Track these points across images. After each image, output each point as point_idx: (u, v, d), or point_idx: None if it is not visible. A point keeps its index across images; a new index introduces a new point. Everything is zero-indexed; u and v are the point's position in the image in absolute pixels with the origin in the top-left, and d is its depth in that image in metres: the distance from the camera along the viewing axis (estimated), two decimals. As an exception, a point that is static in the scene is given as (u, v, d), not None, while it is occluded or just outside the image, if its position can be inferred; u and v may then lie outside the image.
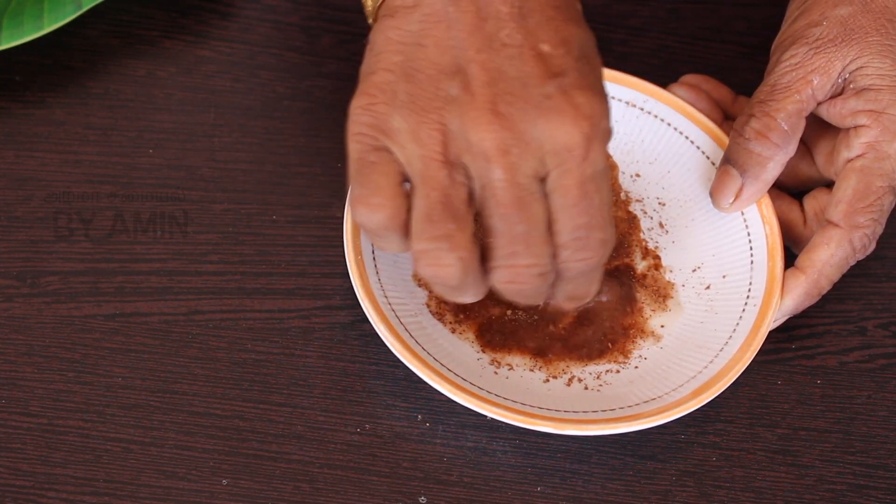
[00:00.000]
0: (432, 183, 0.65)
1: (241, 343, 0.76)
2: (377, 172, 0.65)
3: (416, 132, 0.65)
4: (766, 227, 0.77)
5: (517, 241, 0.65)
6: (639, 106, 0.81)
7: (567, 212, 0.65)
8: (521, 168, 0.64)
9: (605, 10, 0.88)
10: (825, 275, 0.75)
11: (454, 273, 0.65)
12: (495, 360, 0.75)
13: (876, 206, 0.74)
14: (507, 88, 0.64)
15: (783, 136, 0.76)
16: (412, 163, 0.65)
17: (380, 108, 0.65)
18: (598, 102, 0.65)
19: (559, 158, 0.64)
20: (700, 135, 0.80)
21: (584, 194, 0.65)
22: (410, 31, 0.65)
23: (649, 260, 0.79)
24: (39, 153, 0.81)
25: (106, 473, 0.72)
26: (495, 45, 0.64)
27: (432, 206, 0.65)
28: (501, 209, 0.64)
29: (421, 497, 0.72)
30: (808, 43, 0.76)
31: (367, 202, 0.65)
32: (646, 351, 0.76)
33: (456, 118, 0.64)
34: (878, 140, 0.75)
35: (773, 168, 0.76)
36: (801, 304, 0.75)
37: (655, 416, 0.71)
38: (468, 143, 0.64)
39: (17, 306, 0.76)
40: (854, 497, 0.73)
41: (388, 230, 0.66)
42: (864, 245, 0.75)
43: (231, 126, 0.82)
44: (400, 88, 0.65)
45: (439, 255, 0.65)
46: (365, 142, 0.66)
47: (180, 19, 0.86)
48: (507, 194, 0.64)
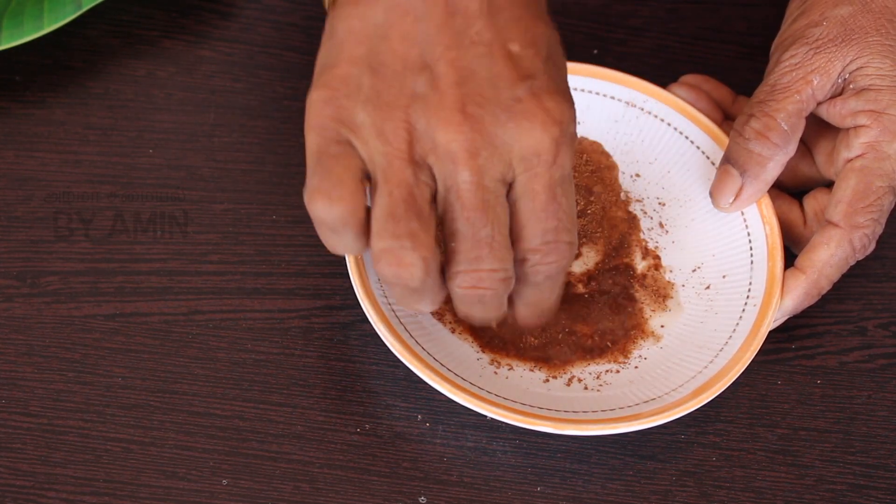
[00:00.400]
0: (396, 181, 0.63)
1: (241, 343, 0.76)
2: (339, 165, 0.64)
3: (381, 128, 0.63)
4: (766, 227, 0.77)
5: (481, 245, 0.64)
6: (639, 106, 0.81)
7: (536, 216, 0.65)
8: (489, 171, 0.63)
9: (605, 10, 0.88)
10: (825, 275, 0.75)
11: (416, 273, 0.64)
12: (495, 359, 0.75)
13: (876, 206, 0.74)
14: (476, 89, 0.63)
15: (783, 135, 0.76)
16: (375, 159, 0.64)
17: (342, 102, 0.64)
18: (566, 107, 0.64)
19: (528, 163, 0.64)
20: (700, 135, 0.80)
21: (552, 198, 0.64)
22: (375, 22, 0.64)
23: (649, 260, 0.79)
24: (39, 153, 0.81)
25: (106, 473, 0.72)
26: (464, 41, 0.63)
27: (396, 203, 0.63)
28: (466, 212, 0.64)
29: (421, 497, 0.72)
30: (808, 43, 0.76)
31: (327, 194, 0.63)
32: (646, 351, 0.76)
33: (423, 117, 0.63)
34: (878, 140, 0.75)
35: (772, 168, 0.76)
36: (801, 305, 0.75)
37: (655, 416, 0.71)
38: (434, 144, 0.63)
39: (17, 306, 0.76)
40: (854, 497, 0.73)
41: (345, 225, 0.64)
42: (863, 245, 0.75)
43: (231, 126, 0.82)
44: (364, 82, 0.64)
45: (402, 253, 0.63)
46: (326, 134, 0.64)
47: (180, 19, 0.86)
48: (474, 197, 0.63)
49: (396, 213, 0.63)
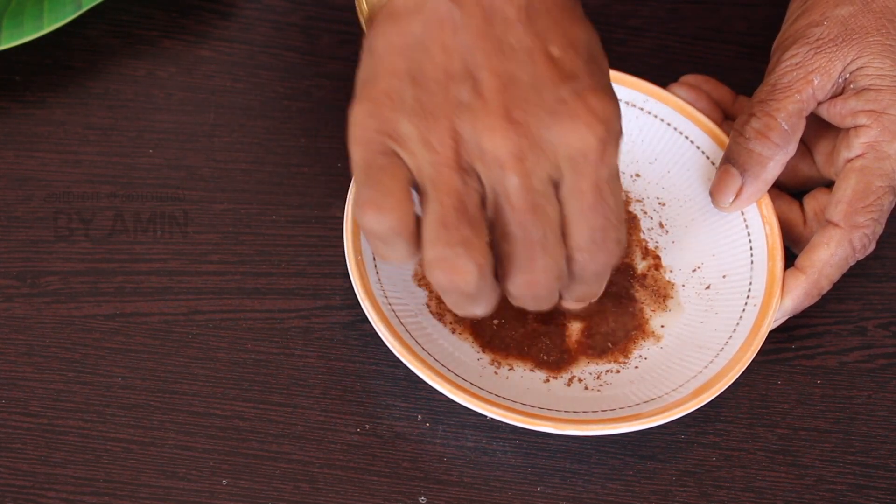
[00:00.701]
0: (446, 188, 0.63)
1: (241, 343, 0.76)
2: (386, 176, 0.64)
3: (427, 138, 0.63)
4: (767, 227, 0.77)
5: (534, 246, 0.64)
6: (639, 106, 0.81)
7: (584, 215, 0.65)
8: (537, 173, 0.64)
9: (605, 10, 0.88)
10: (825, 275, 0.75)
11: (471, 280, 0.64)
12: (495, 359, 0.75)
13: (876, 206, 0.74)
14: (519, 94, 0.63)
15: (783, 135, 0.76)
16: (423, 168, 0.64)
17: (386, 114, 0.64)
18: (610, 105, 0.64)
19: (575, 163, 0.64)
20: (700, 135, 0.80)
21: (600, 197, 0.64)
22: (414, 36, 0.64)
23: (649, 260, 0.79)
24: (39, 153, 0.81)
25: (106, 473, 0.72)
26: (505, 48, 0.64)
27: (447, 211, 0.63)
28: (518, 215, 0.64)
29: (421, 497, 0.72)
30: (808, 43, 0.76)
31: (378, 205, 0.63)
32: (646, 351, 0.76)
33: (468, 124, 0.63)
34: (878, 140, 0.75)
35: (773, 168, 0.76)
36: (801, 305, 0.75)
37: (655, 416, 0.71)
38: (481, 151, 0.63)
39: (17, 306, 0.76)
40: (854, 497, 0.73)
41: (397, 235, 0.64)
42: (863, 245, 0.75)
43: (231, 126, 0.82)
44: (407, 94, 0.64)
45: (456, 261, 0.63)
46: (372, 147, 0.64)
47: (180, 19, 0.86)
48: (524, 200, 0.64)
49: (448, 221, 0.63)
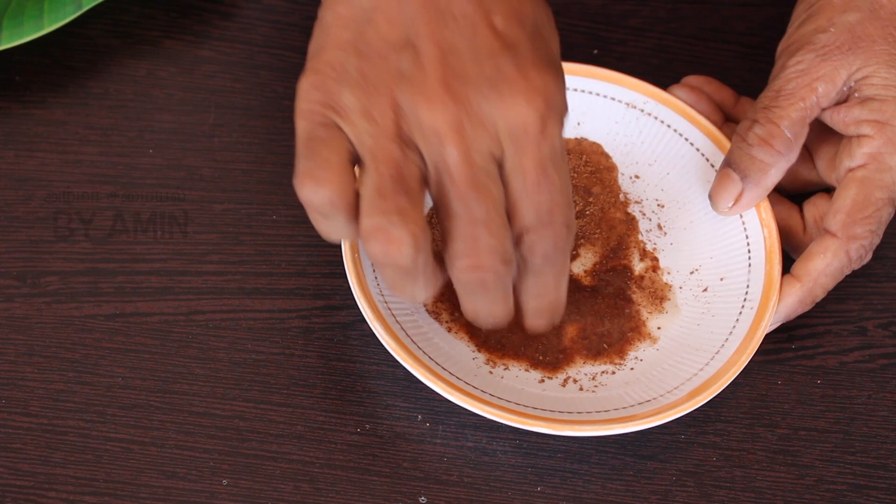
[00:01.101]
0: (384, 158, 0.63)
1: (241, 343, 0.76)
2: (326, 148, 0.63)
3: (368, 109, 0.63)
4: (765, 231, 0.77)
5: (477, 224, 0.63)
6: (639, 107, 0.81)
7: (527, 193, 0.64)
8: (476, 147, 0.63)
9: (605, 10, 0.88)
10: (820, 284, 0.75)
11: (406, 251, 0.63)
12: (491, 359, 0.75)
13: (874, 218, 0.74)
14: (459, 64, 0.63)
15: (786, 143, 0.75)
16: (363, 140, 0.63)
17: (330, 86, 0.64)
18: (552, 78, 0.63)
19: (515, 138, 0.63)
20: (700, 137, 0.80)
21: (543, 174, 0.64)
22: (361, 7, 0.64)
23: (647, 261, 0.79)
24: (39, 153, 0.81)
25: (106, 473, 0.72)
26: (447, 18, 0.63)
27: (383, 180, 0.63)
28: (457, 190, 0.63)
29: (421, 497, 0.72)
30: (814, 49, 0.76)
31: (314, 176, 0.63)
32: (642, 352, 0.76)
33: (407, 95, 0.63)
34: (881, 151, 0.74)
35: (774, 174, 0.76)
36: (794, 312, 0.75)
37: (650, 417, 0.71)
38: (420, 123, 0.63)
39: (17, 306, 0.76)
40: (854, 497, 0.73)
41: (334, 207, 0.63)
42: (860, 256, 0.75)
43: (231, 126, 0.82)
44: (350, 65, 0.63)
45: (391, 229, 0.62)
46: (314, 119, 0.64)
47: (180, 19, 0.86)
48: (463, 174, 0.63)
49: (384, 190, 0.63)
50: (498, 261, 0.64)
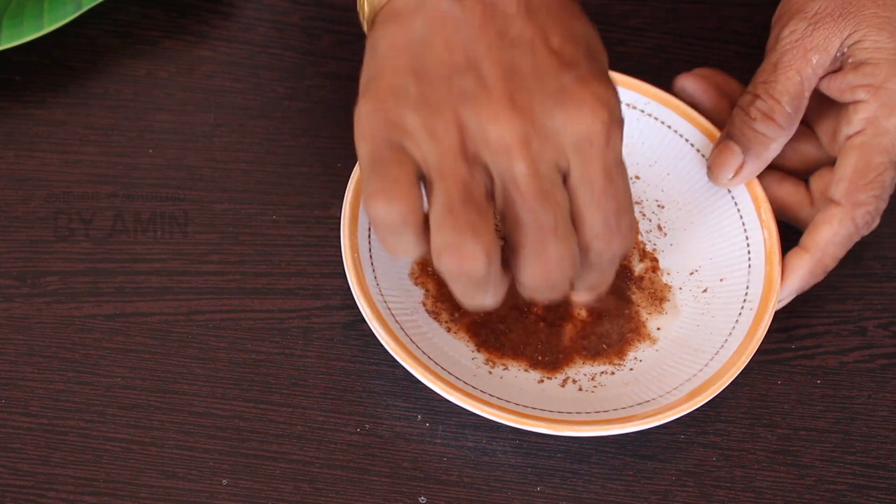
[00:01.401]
0: (452, 177, 0.64)
1: (241, 343, 0.76)
2: (393, 166, 0.64)
3: (433, 129, 0.64)
4: (765, 232, 0.77)
5: (546, 233, 0.64)
6: (639, 108, 0.81)
7: (596, 201, 0.65)
8: (544, 160, 0.64)
9: (605, 10, 0.88)
10: (829, 253, 0.75)
11: (479, 265, 0.64)
12: (490, 359, 0.75)
13: (877, 183, 0.74)
14: (522, 82, 0.64)
15: (787, 118, 0.76)
16: (429, 159, 0.64)
17: (391, 109, 0.64)
18: (612, 91, 0.65)
19: (581, 149, 0.64)
20: (700, 138, 0.80)
21: (610, 182, 0.65)
22: (416, 33, 0.65)
23: (647, 262, 0.79)
24: (39, 153, 0.81)
25: (106, 473, 0.72)
26: (506, 41, 0.64)
27: (453, 198, 0.63)
28: (527, 202, 0.64)
29: (421, 497, 0.72)
30: (806, 17, 0.76)
31: (387, 194, 0.64)
32: (641, 353, 0.76)
33: (473, 113, 0.64)
34: (877, 115, 0.75)
35: (775, 149, 0.77)
36: (807, 283, 0.76)
37: (649, 418, 0.71)
38: (486, 139, 0.64)
39: (17, 306, 0.76)
40: (854, 497, 0.73)
41: (405, 224, 0.64)
42: (866, 222, 0.75)
43: (231, 126, 0.82)
44: (411, 89, 0.64)
45: (464, 245, 0.63)
46: (378, 141, 0.64)
47: (180, 19, 0.86)
48: (532, 186, 0.64)
49: (454, 207, 0.63)
50: (566, 268, 0.65)
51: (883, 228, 0.81)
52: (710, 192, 0.80)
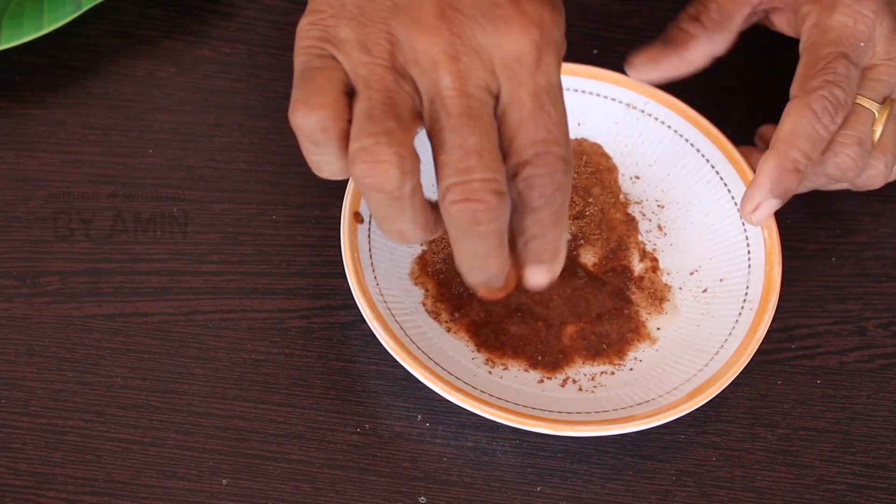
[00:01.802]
0: (376, 85, 0.63)
1: (241, 343, 0.76)
2: (320, 76, 0.63)
3: (363, 41, 0.63)
4: (765, 232, 0.77)
5: (470, 154, 0.62)
6: (639, 108, 0.81)
7: (523, 126, 0.63)
8: (471, 77, 0.63)
9: (605, 10, 0.88)
10: (794, 146, 0.74)
11: (392, 173, 0.62)
12: (490, 359, 0.75)
13: (828, 70, 0.75)
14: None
15: (711, 22, 0.79)
16: (357, 69, 0.63)
17: (327, 22, 0.64)
18: (548, 10, 0.63)
19: (510, 69, 0.63)
20: (700, 138, 0.80)
21: (539, 107, 0.63)
22: None
23: (647, 262, 0.79)
24: (39, 153, 0.81)
25: (106, 473, 0.72)
26: None
27: (374, 105, 0.63)
28: (452, 119, 0.63)
29: (421, 497, 0.72)
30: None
31: (307, 101, 0.63)
32: (641, 353, 0.76)
33: (403, 26, 0.63)
34: (820, 17, 0.77)
35: (694, 47, 0.79)
36: (777, 181, 0.74)
37: (649, 418, 0.71)
38: (415, 53, 0.63)
39: (17, 306, 0.76)
40: (854, 497, 0.74)
41: (325, 133, 0.63)
42: (824, 108, 0.74)
43: (231, 126, 0.82)
44: (348, 2, 0.64)
45: (377, 149, 0.62)
46: (311, 52, 0.64)
47: (180, 19, 0.86)
48: (458, 103, 0.63)
49: (374, 114, 0.62)
50: (490, 192, 0.63)
51: (883, 228, 0.81)
52: (710, 192, 0.80)
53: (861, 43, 0.75)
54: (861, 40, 0.75)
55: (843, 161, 0.75)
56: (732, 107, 0.85)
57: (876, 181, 0.77)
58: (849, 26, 0.76)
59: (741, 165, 0.79)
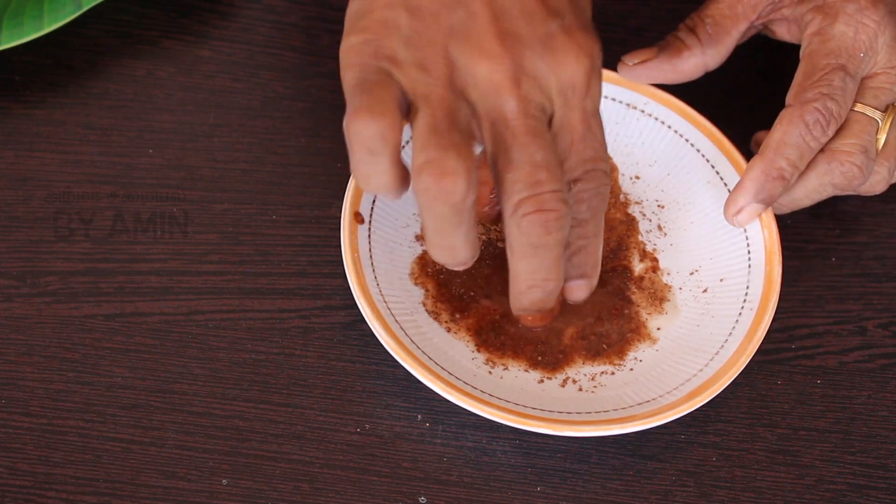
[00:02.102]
0: (437, 102, 0.64)
1: (241, 343, 0.75)
2: (379, 88, 0.64)
3: (422, 62, 0.65)
4: (765, 232, 0.77)
5: (539, 169, 0.65)
6: (639, 108, 0.82)
7: (575, 147, 0.67)
8: (532, 100, 0.65)
9: (605, 10, 0.88)
10: (781, 154, 0.75)
11: (459, 183, 0.64)
12: (490, 359, 0.75)
13: (824, 82, 0.75)
14: (511, 23, 0.65)
15: (707, 36, 0.79)
16: (416, 88, 0.65)
17: (382, 42, 0.65)
18: (595, 41, 0.67)
19: (564, 96, 0.66)
20: (700, 138, 0.80)
21: (588, 129, 0.67)
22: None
23: (647, 262, 0.79)
24: (39, 153, 0.81)
25: (106, 473, 0.72)
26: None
27: (438, 119, 0.64)
28: (519, 139, 0.65)
29: (421, 497, 0.72)
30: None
31: (370, 110, 0.64)
32: (641, 353, 0.76)
33: (462, 50, 0.65)
34: (822, 26, 0.77)
35: (686, 57, 0.79)
36: (762, 186, 0.75)
37: (649, 418, 0.71)
38: (475, 77, 0.65)
39: (17, 306, 0.76)
40: (854, 497, 0.73)
41: (383, 141, 0.64)
42: (816, 120, 0.75)
43: (231, 126, 0.82)
44: (403, 22, 0.65)
45: (445, 162, 0.63)
46: (366, 69, 0.65)
47: (180, 19, 0.86)
48: (524, 124, 0.65)
49: (439, 128, 0.64)
50: (560, 201, 0.66)
51: (883, 228, 0.81)
52: (710, 192, 0.80)
53: (861, 53, 0.76)
54: (861, 51, 0.76)
55: (849, 170, 0.76)
56: (732, 107, 0.85)
57: (879, 187, 0.78)
58: (849, 36, 0.76)
59: (741, 166, 0.79)
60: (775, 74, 0.86)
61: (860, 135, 0.76)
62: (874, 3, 0.77)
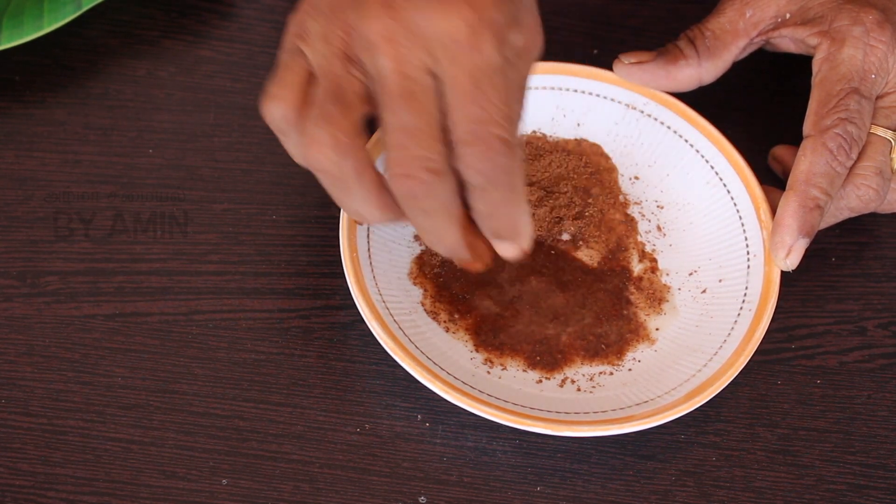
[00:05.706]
0: (327, 75, 0.65)
1: (241, 343, 0.76)
2: (286, 71, 0.67)
3: (326, 34, 0.65)
4: (764, 233, 0.77)
5: (405, 133, 0.64)
6: (639, 108, 0.82)
7: (458, 104, 0.64)
8: (409, 58, 0.64)
9: (605, 10, 0.88)
10: (813, 184, 0.75)
11: (325, 153, 0.65)
12: (489, 359, 0.75)
13: (841, 107, 0.75)
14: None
15: (705, 49, 0.80)
16: (317, 60, 0.66)
17: (304, 19, 0.66)
18: None
19: (446, 50, 0.63)
20: (699, 138, 0.80)
21: (476, 87, 0.63)
22: None
23: (646, 263, 0.79)
24: (39, 153, 0.81)
25: (106, 473, 0.72)
26: None
27: (322, 94, 0.65)
28: (388, 100, 0.64)
29: (421, 497, 0.72)
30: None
31: (271, 94, 0.66)
32: (640, 353, 0.76)
33: (356, 17, 0.64)
34: (830, 52, 0.77)
35: (682, 66, 0.80)
36: (803, 220, 0.75)
37: (647, 418, 0.71)
38: (362, 38, 0.64)
39: (17, 306, 0.76)
40: (854, 497, 0.74)
41: (287, 122, 0.66)
42: (839, 145, 0.75)
43: (231, 126, 0.82)
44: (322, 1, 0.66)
45: (313, 132, 0.65)
46: (286, 48, 0.67)
47: (180, 19, 0.86)
48: (394, 84, 0.64)
49: (317, 100, 0.65)
50: (423, 169, 0.64)
51: (883, 228, 0.81)
52: (710, 193, 0.80)
53: (872, 75, 0.76)
54: (872, 72, 0.76)
55: (865, 193, 0.76)
56: (732, 107, 0.85)
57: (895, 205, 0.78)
58: (858, 59, 0.76)
59: (741, 166, 0.79)
60: (775, 75, 0.86)
61: (874, 157, 0.76)
62: (881, 24, 0.77)
